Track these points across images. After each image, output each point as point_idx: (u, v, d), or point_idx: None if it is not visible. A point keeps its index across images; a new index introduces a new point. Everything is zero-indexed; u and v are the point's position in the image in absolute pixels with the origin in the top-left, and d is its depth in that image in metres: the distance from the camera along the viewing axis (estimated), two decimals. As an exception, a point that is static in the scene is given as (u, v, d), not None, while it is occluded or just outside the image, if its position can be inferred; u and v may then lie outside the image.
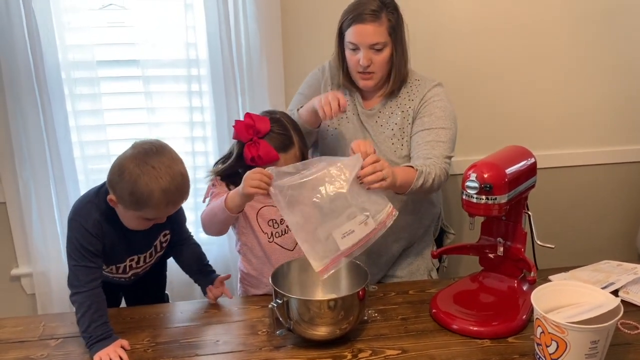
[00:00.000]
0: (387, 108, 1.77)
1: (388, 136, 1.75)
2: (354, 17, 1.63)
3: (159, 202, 1.33)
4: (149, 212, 1.36)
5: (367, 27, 1.62)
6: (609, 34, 2.29)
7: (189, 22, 2.03)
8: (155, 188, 1.31)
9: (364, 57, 1.64)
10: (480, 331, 1.38)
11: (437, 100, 1.71)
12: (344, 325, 1.33)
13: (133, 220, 1.41)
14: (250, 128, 1.55)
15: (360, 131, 1.78)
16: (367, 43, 1.63)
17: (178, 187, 1.35)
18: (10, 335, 1.45)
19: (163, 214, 1.41)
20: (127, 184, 1.32)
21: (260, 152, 1.53)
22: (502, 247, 1.53)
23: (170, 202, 1.35)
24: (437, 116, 1.69)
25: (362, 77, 1.70)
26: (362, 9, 1.63)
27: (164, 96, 2.10)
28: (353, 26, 1.64)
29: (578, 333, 1.16)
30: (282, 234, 1.65)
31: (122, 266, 1.52)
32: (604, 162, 2.43)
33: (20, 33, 1.88)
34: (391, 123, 1.75)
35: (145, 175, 1.31)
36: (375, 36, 1.63)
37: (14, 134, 1.99)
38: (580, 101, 2.36)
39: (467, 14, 2.19)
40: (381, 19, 1.63)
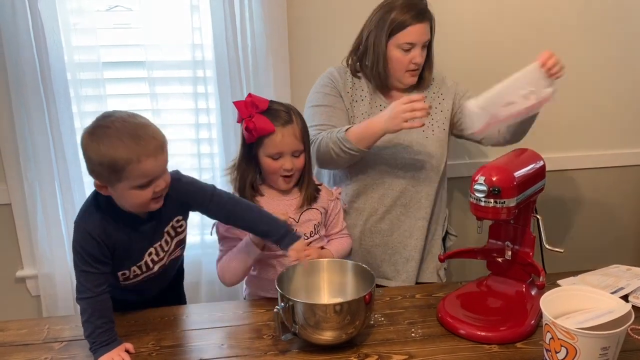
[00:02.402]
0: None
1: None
2: (413, 16, 1.68)
3: (129, 157, 1.24)
4: (131, 175, 1.26)
5: (424, 25, 1.71)
6: (619, 36, 2.27)
7: (195, 23, 2.02)
8: (118, 144, 1.24)
9: (419, 54, 1.72)
10: (488, 336, 1.37)
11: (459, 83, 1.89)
12: (350, 330, 1.32)
13: (130, 196, 1.30)
14: (250, 104, 1.53)
15: None
16: (422, 41, 1.72)
17: (141, 134, 1.27)
18: (15, 338, 1.45)
19: (147, 173, 1.28)
20: (93, 157, 1.26)
21: (256, 122, 1.50)
22: (510, 251, 1.52)
23: (141, 153, 1.25)
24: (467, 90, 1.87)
25: (411, 74, 1.76)
26: (418, 8, 1.69)
27: (170, 98, 2.10)
28: (412, 26, 1.69)
29: (588, 339, 1.14)
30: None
31: (142, 264, 1.45)
32: (613, 164, 2.41)
33: (26, 34, 1.88)
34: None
35: (104, 138, 1.25)
36: (427, 34, 1.73)
37: (19, 135, 2.00)
38: (589, 104, 2.34)
39: (476, 15, 2.18)
40: (427, 16, 1.72)
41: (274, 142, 1.53)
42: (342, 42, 1.83)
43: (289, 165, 1.56)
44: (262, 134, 1.52)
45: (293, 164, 1.57)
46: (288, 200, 1.64)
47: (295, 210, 1.63)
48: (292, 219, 1.61)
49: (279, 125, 1.53)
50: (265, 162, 1.57)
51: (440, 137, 1.84)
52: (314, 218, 1.65)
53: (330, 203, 1.71)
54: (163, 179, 1.33)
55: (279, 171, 1.57)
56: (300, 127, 1.57)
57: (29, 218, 2.10)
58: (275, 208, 1.58)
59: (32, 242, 2.13)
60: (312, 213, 1.65)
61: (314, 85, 1.85)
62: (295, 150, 1.56)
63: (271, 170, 1.58)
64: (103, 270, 1.37)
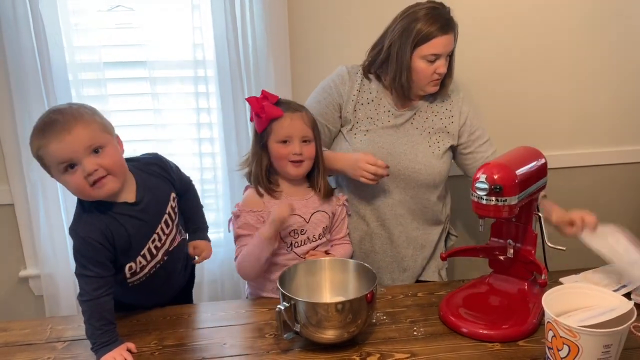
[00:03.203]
0: (424, 112, 1.81)
1: (425, 137, 1.80)
2: (440, 28, 1.66)
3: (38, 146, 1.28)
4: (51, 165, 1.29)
5: (449, 36, 1.69)
6: (621, 34, 2.27)
7: (196, 23, 2.02)
8: (32, 136, 1.30)
9: (444, 65, 1.71)
10: (490, 334, 1.37)
11: (472, 110, 1.84)
12: (352, 329, 1.32)
13: (66, 181, 1.31)
14: (262, 98, 1.59)
15: (394, 135, 1.80)
16: (448, 51, 1.71)
17: (44, 119, 1.29)
18: (18, 338, 1.45)
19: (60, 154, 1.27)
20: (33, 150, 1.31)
21: (265, 107, 1.57)
22: (512, 249, 1.52)
23: (45, 140, 1.27)
24: (481, 127, 1.84)
25: (435, 83, 1.75)
26: (443, 19, 1.67)
27: (171, 97, 2.10)
28: (438, 37, 1.66)
29: (590, 337, 1.14)
30: (302, 244, 1.64)
31: (146, 251, 1.44)
32: (615, 162, 2.40)
33: (28, 35, 1.88)
34: (427, 127, 1.81)
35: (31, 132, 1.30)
36: (452, 44, 1.71)
37: (21, 135, 1.99)
38: (591, 101, 2.33)
39: (478, 15, 2.17)
40: (452, 27, 1.70)
41: (283, 125, 1.57)
42: (343, 41, 1.83)
43: (298, 149, 1.58)
44: (271, 117, 1.56)
45: (302, 149, 1.59)
46: (305, 200, 1.66)
47: (314, 206, 1.66)
48: (301, 217, 1.62)
49: (288, 111, 1.59)
50: (275, 148, 1.59)
51: (445, 155, 1.83)
52: (323, 221, 1.67)
53: (338, 208, 1.73)
54: (90, 160, 1.29)
55: (288, 156, 1.59)
56: (310, 117, 1.62)
57: (32, 218, 2.10)
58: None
59: (35, 242, 2.13)
60: (321, 216, 1.66)
61: (321, 83, 1.86)
62: (304, 136, 1.59)
63: (280, 156, 1.60)
64: (102, 273, 1.36)
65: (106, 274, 1.37)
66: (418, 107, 1.82)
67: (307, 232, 1.64)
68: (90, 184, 1.31)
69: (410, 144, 1.79)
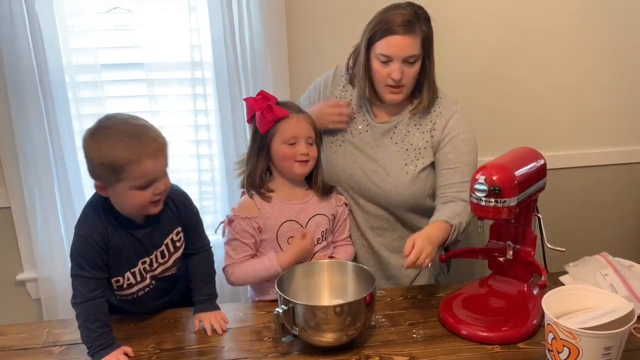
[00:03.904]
0: (405, 126, 1.70)
1: (402, 155, 1.70)
2: (388, 27, 1.55)
3: (129, 157, 1.25)
4: (131, 175, 1.26)
5: (403, 38, 1.54)
6: (620, 33, 2.26)
7: (193, 24, 2.01)
8: (119, 144, 1.25)
9: (397, 70, 1.57)
10: (490, 337, 1.36)
11: (461, 132, 1.66)
12: (351, 331, 1.31)
13: (130, 197, 1.30)
14: (263, 98, 1.57)
15: (370, 150, 1.72)
16: (401, 56, 1.56)
17: (141, 135, 1.28)
18: (14, 342, 1.44)
19: (147, 173, 1.28)
20: (94, 158, 1.27)
21: (272, 107, 1.55)
22: (512, 251, 1.51)
23: (141, 153, 1.26)
24: (461, 152, 1.65)
25: (391, 90, 1.62)
26: (396, 19, 1.55)
27: (168, 99, 2.09)
28: (387, 37, 1.55)
29: (591, 339, 1.13)
30: None
31: (136, 271, 1.44)
32: (615, 162, 2.40)
33: (24, 37, 1.87)
34: (406, 142, 1.70)
35: (105, 138, 1.27)
36: (409, 48, 1.56)
37: (17, 138, 1.99)
38: (590, 101, 2.33)
39: (477, 13, 2.17)
40: (415, 30, 1.56)
41: (290, 126, 1.56)
42: (341, 43, 1.82)
43: (305, 150, 1.57)
44: (278, 117, 1.55)
45: (308, 149, 1.58)
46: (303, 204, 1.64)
47: (312, 210, 1.64)
48: (297, 223, 1.61)
49: (294, 113, 1.58)
50: (281, 149, 1.58)
51: (422, 175, 1.70)
52: (322, 224, 1.65)
53: (339, 209, 1.71)
54: (163, 182, 1.34)
55: (295, 156, 1.58)
56: (312, 123, 1.61)
57: (29, 221, 2.09)
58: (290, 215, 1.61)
59: (32, 245, 2.12)
60: (320, 219, 1.65)
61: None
62: (309, 137, 1.59)
63: (286, 157, 1.58)
64: (97, 275, 1.36)
65: (101, 276, 1.37)
66: (399, 119, 1.71)
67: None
68: (154, 201, 1.34)
69: (384, 160, 1.70)
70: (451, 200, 1.63)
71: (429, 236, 1.46)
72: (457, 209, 1.59)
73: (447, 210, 1.59)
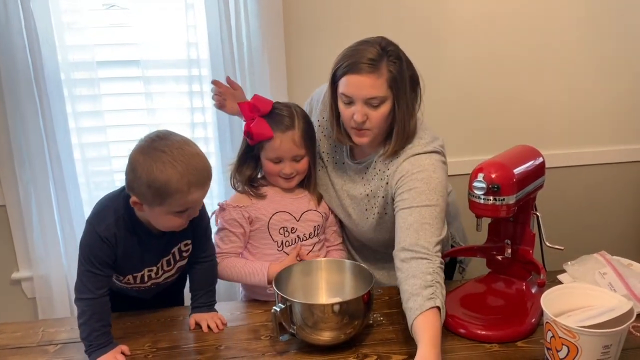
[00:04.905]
0: (373, 169, 1.54)
1: (363, 200, 1.58)
2: (349, 65, 1.39)
3: (180, 186, 1.24)
4: (175, 202, 1.26)
5: (363, 78, 1.38)
6: (619, 32, 2.27)
7: (190, 21, 2.01)
8: (171, 172, 1.23)
9: (358, 112, 1.41)
10: (489, 335, 1.35)
11: (417, 172, 1.42)
12: (349, 330, 1.31)
13: (164, 220, 1.31)
14: (253, 107, 1.54)
15: (343, 181, 1.63)
16: (362, 97, 1.40)
17: (195, 164, 1.26)
18: (9, 341, 1.43)
19: (191, 202, 1.29)
20: (142, 177, 1.24)
21: (254, 127, 1.52)
22: (510, 249, 1.51)
23: (192, 183, 1.25)
24: (418, 191, 1.40)
25: (356, 133, 1.46)
26: (358, 56, 1.39)
27: (165, 97, 2.08)
28: (347, 76, 1.40)
29: (590, 337, 1.13)
30: (292, 244, 1.62)
31: (139, 275, 1.44)
32: (613, 161, 2.41)
33: (19, 34, 1.86)
34: (368, 187, 1.56)
35: (157, 161, 1.23)
36: (371, 89, 1.39)
37: (13, 136, 1.97)
38: (589, 100, 2.33)
39: (475, 12, 2.17)
40: (380, 69, 1.38)
41: (273, 147, 1.54)
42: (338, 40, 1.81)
43: (288, 170, 1.56)
44: (261, 139, 1.53)
45: (293, 168, 1.57)
46: (296, 197, 1.63)
47: (305, 205, 1.63)
48: (291, 215, 1.61)
49: (279, 131, 1.52)
50: (266, 164, 1.58)
51: (384, 221, 1.56)
52: (315, 220, 1.64)
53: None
54: (198, 208, 1.36)
55: (279, 173, 1.58)
56: (302, 132, 1.55)
57: (24, 219, 2.08)
58: (282, 206, 1.60)
59: (28, 243, 2.11)
60: (313, 214, 1.64)
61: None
62: (295, 156, 1.56)
63: (271, 173, 1.59)
64: (107, 273, 1.36)
65: (110, 273, 1.38)
66: (369, 161, 1.56)
67: (297, 230, 1.61)
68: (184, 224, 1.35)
69: (349, 199, 1.61)
70: (412, 257, 1.32)
71: (436, 353, 1.19)
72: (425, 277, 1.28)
73: (417, 285, 1.27)
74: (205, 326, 1.45)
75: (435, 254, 1.33)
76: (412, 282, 1.28)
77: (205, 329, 1.44)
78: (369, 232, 1.60)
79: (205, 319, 1.46)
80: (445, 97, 2.19)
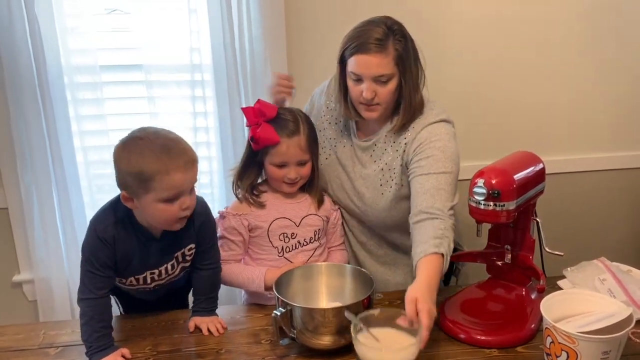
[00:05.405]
0: (383, 144, 1.62)
1: (377, 175, 1.63)
2: (357, 46, 1.47)
3: (158, 167, 1.25)
4: (159, 186, 1.26)
5: (371, 57, 1.46)
6: (619, 40, 2.27)
7: (193, 26, 2.01)
8: (148, 154, 1.25)
9: (367, 89, 1.49)
10: (488, 340, 1.35)
11: (435, 140, 1.52)
12: (349, 335, 1.30)
13: (157, 210, 1.30)
14: (258, 111, 1.54)
15: (352, 166, 1.67)
16: (370, 75, 1.48)
17: (172, 146, 1.28)
18: (11, 344, 1.43)
19: (175, 186, 1.28)
20: (123, 168, 1.27)
21: (260, 132, 1.52)
22: (510, 255, 1.51)
23: (170, 163, 1.26)
24: (436, 159, 1.50)
25: (365, 108, 1.55)
26: (365, 37, 1.46)
27: (167, 101, 2.09)
28: (355, 56, 1.48)
29: (589, 343, 1.13)
30: (293, 249, 1.63)
31: (141, 277, 1.45)
32: (614, 167, 2.40)
33: (23, 37, 1.87)
34: (382, 162, 1.62)
35: (135, 149, 1.27)
36: (379, 68, 1.47)
37: (16, 138, 1.98)
38: (589, 106, 2.34)
39: (474, 18, 2.18)
40: (387, 48, 1.46)
41: (279, 152, 1.54)
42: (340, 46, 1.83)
43: (293, 175, 1.57)
44: (267, 144, 1.53)
45: (298, 173, 1.58)
46: (296, 203, 1.64)
47: (305, 210, 1.64)
48: (291, 220, 1.61)
49: (284, 136, 1.54)
50: (270, 169, 1.59)
51: (402, 201, 1.61)
52: (315, 224, 1.65)
53: (333, 212, 1.71)
54: (190, 197, 1.34)
55: (283, 178, 1.58)
56: (307, 137, 1.57)
57: (26, 222, 2.08)
58: (282, 212, 1.61)
59: (29, 246, 2.11)
60: (313, 219, 1.64)
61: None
62: (300, 160, 1.57)
63: (275, 178, 1.60)
64: (108, 274, 1.37)
65: (111, 274, 1.38)
66: (378, 138, 1.63)
67: (297, 236, 1.62)
68: (180, 217, 1.33)
69: (361, 180, 1.65)
70: (428, 218, 1.43)
71: (429, 288, 1.28)
72: (437, 230, 1.39)
73: (428, 234, 1.39)
74: (205, 329, 1.45)
75: (448, 216, 1.43)
76: (423, 232, 1.40)
77: (206, 332, 1.45)
78: (384, 210, 1.63)
79: (206, 323, 1.46)
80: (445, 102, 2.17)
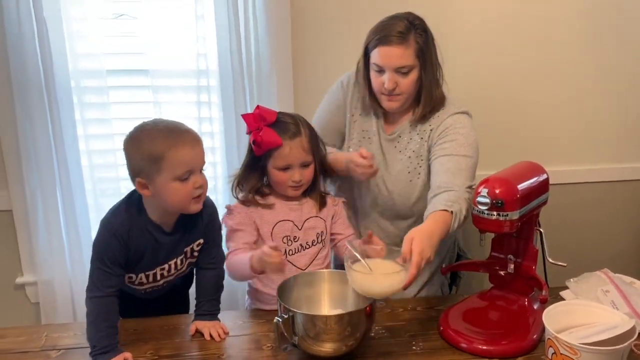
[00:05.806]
0: (407, 134, 1.71)
1: (405, 163, 1.70)
2: (380, 38, 1.57)
3: (167, 143, 1.31)
4: (170, 164, 1.31)
5: (393, 49, 1.56)
6: (623, 49, 2.27)
7: (200, 32, 2.03)
8: (156, 135, 1.32)
9: (389, 80, 1.58)
10: (490, 350, 1.35)
11: (459, 127, 1.63)
12: (351, 342, 1.31)
13: (171, 191, 1.33)
14: (258, 117, 1.55)
15: (379, 155, 1.73)
16: (392, 66, 1.58)
17: (177, 126, 1.37)
18: (13, 346, 1.44)
19: (186, 161, 1.33)
20: (134, 155, 1.34)
21: (263, 135, 1.53)
22: (513, 265, 1.51)
23: (177, 139, 1.33)
24: (459, 143, 1.60)
25: (387, 98, 1.64)
26: (388, 30, 1.57)
27: (173, 106, 2.10)
28: (378, 48, 1.58)
29: (591, 355, 1.13)
30: (296, 252, 1.63)
31: (151, 274, 1.47)
32: (617, 179, 2.40)
33: (31, 41, 1.89)
34: (409, 150, 1.70)
35: (144, 135, 1.34)
36: (401, 59, 1.57)
37: (21, 141, 1.99)
38: (593, 117, 2.34)
39: (479, 27, 2.18)
40: (408, 41, 1.56)
41: (282, 154, 1.54)
42: (346, 51, 1.83)
43: (298, 177, 1.57)
44: (270, 147, 1.53)
45: (302, 175, 1.58)
46: (299, 206, 1.64)
47: (308, 212, 1.64)
48: (294, 223, 1.61)
49: (287, 138, 1.54)
50: (274, 173, 1.58)
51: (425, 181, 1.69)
52: (317, 226, 1.65)
53: (335, 208, 1.70)
54: (201, 176, 1.38)
55: (288, 182, 1.58)
56: (309, 139, 1.58)
57: (30, 225, 2.09)
58: (285, 215, 1.61)
59: (33, 248, 2.12)
60: (315, 221, 1.65)
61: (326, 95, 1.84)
62: (303, 162, 1.58)
63: (280, 182, 1.59)
64: (117, 272, 1.38)
65: (121, 272, 1.40)
66: (402, 128, 1.72)
67: (299, 239, 1.62)
68: (194, 197, 1.37)
69: (389, 170, 1.72)
70: (444, 191, 1.51)
71: (429, 234, 1.33)
72: (451, 197, 1.47)
73: (442, 199, 1.47)
74: (207, 334, 1.45)
75: (465, 191, 1.50)
76: (436, 201, 1.48)
77: (207, 337, 1.45)
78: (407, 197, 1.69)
79: (207, 327, 1.47)
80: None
